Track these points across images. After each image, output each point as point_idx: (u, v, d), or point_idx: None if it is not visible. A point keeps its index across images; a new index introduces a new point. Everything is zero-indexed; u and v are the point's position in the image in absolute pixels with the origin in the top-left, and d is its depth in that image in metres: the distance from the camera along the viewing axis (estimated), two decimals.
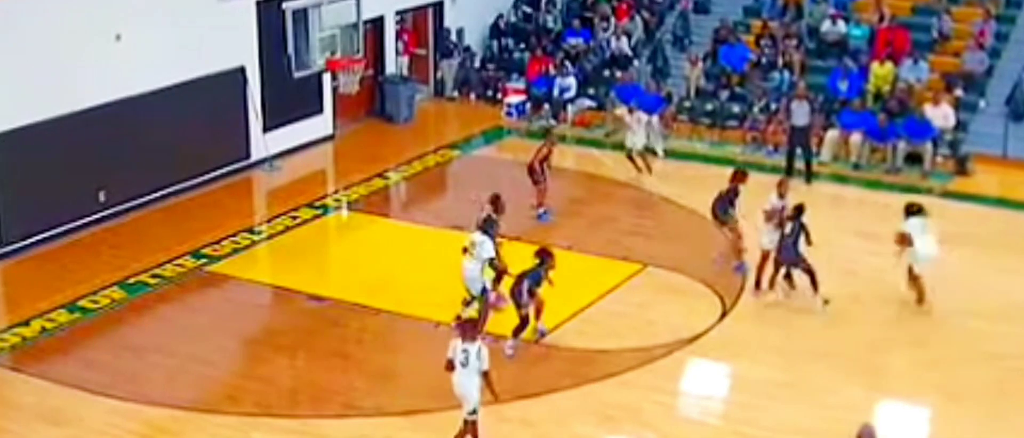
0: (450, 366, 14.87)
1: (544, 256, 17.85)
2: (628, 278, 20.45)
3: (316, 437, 15.78)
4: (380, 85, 29.79)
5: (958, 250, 21.44)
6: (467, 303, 18.46)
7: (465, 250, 18.32)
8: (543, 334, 18.28)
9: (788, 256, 19.27)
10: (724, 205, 20.86)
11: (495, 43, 32.46)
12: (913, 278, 19.19)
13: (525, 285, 17.64)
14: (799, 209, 19.25)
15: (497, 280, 18.62)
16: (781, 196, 19.76)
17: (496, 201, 19.46)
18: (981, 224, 23.05)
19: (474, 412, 14.88)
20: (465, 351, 14.75)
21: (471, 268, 18.22)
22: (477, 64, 32.03)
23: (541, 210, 22.97)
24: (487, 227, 18.42)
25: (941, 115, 25.97)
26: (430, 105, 31.16)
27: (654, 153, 26.34)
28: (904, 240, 18.91)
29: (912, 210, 19.43)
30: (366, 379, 17.47)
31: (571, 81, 29.56)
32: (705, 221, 22.68)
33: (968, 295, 19.69)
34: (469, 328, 15.30)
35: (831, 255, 21.31)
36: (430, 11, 31.44)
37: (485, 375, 14.79)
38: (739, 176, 21.09)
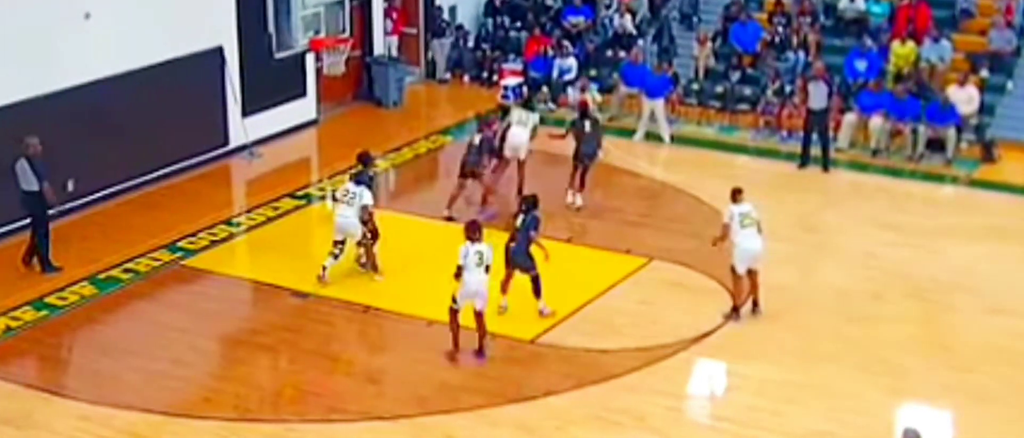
0: (460, 272, 17.18)
1: (531, 203, 18.84)
2: (632, 273, 20.47)
3: None
4: (367, 66, 29.79)
5: (984, 243, 21.52)
6: (335, 256, 19.86)
7: (336, 199, 20.24)
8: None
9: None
10: (476, 155, 22.05)
11: (490, 21, 32.47)
12: (737, 278, 18.70)
13: (530, 235, 18.56)
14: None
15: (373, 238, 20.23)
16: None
17: (365, 156, 20.63)
18: (1009, 215, 23.07)
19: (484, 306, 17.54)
20: (479, 252, 17.23)
21: (349, 215, 19.68)
22: (471, 44, 32.04)
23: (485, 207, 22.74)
24: (361, 178, 19.96)
25: (965, 98, 25.98)
26: (421, 88, 31.18)
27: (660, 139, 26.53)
28: (724, 233, 18.71)
29: (736, 195, 18.79)
30: (353, 381, 17.50)
31: (572, 62, 29.58)
32: (716, 213, 22.77)
33: (994, 290, 19.73)
34: (477, 228, 17.48)
35: (850, 248, 21.44)
36: None
37: (487, 269, 17.30)
38: (484, 125, 22.77)
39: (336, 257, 19.86)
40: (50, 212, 20.32)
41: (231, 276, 20.80)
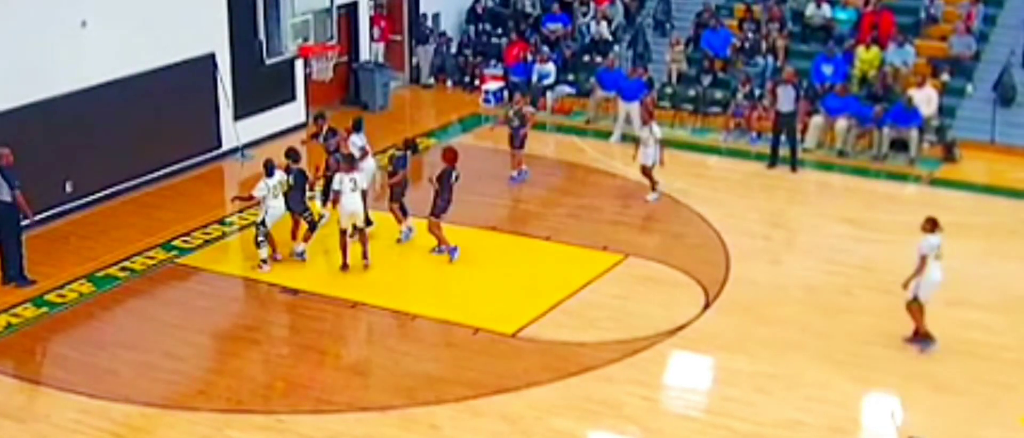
0: (338, 196, 19.92)
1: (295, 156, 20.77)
2: (609, 269, 20.43)
3: (291, 433, 15.71)
4: (354, 72, 29.75)
5: (947, 239, 21.51)
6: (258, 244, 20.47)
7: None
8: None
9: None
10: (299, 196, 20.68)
11: (472, 28, 32.43)
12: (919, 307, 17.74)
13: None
14: None
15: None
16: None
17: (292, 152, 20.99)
18: (969, 212, 23.08)
19: (369, 223, 20.54)
20: (353, 180, 19.87)
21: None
22: (454, 50, 32.01)
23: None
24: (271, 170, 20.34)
25: (925, 99, 26.02)
26: (406, 92, 31.15)
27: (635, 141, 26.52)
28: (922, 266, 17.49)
29: (933, 226, 17.69)
30: (341, 373, 17.47)
31: (550, 67, 29.56)
32: (688, 210, 22.82)
33: (957, 284, 19.68)
34: (352, 160, 20.47)
35: (818, 244, 21.46)
36: None
37: (364, 194, 20.22)
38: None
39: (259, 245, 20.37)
40: (24, 223, 19.95)
41: (224, 273, 20.73)
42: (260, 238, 20.29)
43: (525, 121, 24.58)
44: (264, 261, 20.33)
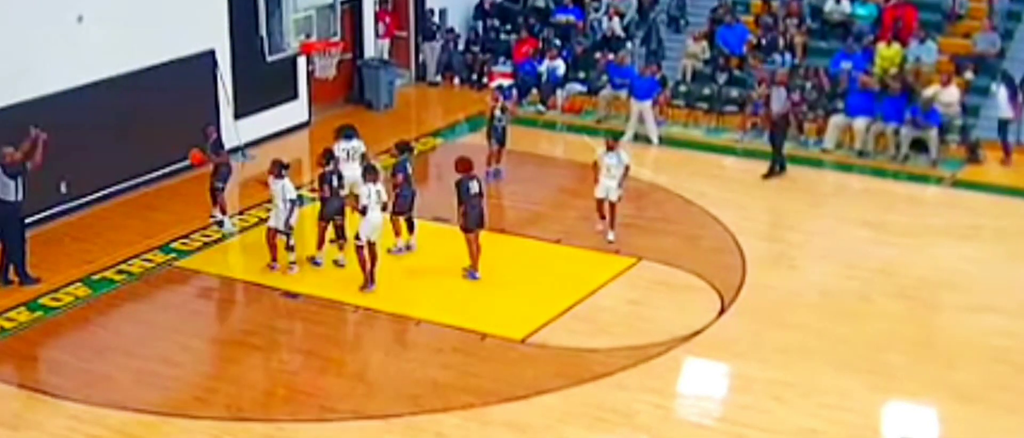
0: (365, 210, 19.28)
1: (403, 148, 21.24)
2: (621, 273, 20.42)
3: None
4: (358, 69, 29.75)
5: (969, 242, 21.52)
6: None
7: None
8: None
9: None
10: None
11: (480, 24, 32.43)
12: None
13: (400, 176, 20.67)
14: None
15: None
16: None
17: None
18: (992, 214, 23.07)
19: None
20: (378, 192, 19.43)
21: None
22: (461, 47, 32.01)
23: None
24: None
25: (947, 97, 25.96)
26: (411, 90, 31.17)
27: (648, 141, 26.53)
28: None
29: None
30: (344, 380, 17.43)
31: (560, 64, 29.54)
32: (703, 212, 22.79)
33: (978, 289, 19.72)
34: (375, 172, 19.68)
35: (835, 247, 21.43)
36: None
37: (384, 207, 19.70)
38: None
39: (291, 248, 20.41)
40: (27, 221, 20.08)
41: (224, 277, 20.75)
42: (292, 242, 20.28)
43: (505, 114, 24.80)
44: (293, 263, 20.32)
